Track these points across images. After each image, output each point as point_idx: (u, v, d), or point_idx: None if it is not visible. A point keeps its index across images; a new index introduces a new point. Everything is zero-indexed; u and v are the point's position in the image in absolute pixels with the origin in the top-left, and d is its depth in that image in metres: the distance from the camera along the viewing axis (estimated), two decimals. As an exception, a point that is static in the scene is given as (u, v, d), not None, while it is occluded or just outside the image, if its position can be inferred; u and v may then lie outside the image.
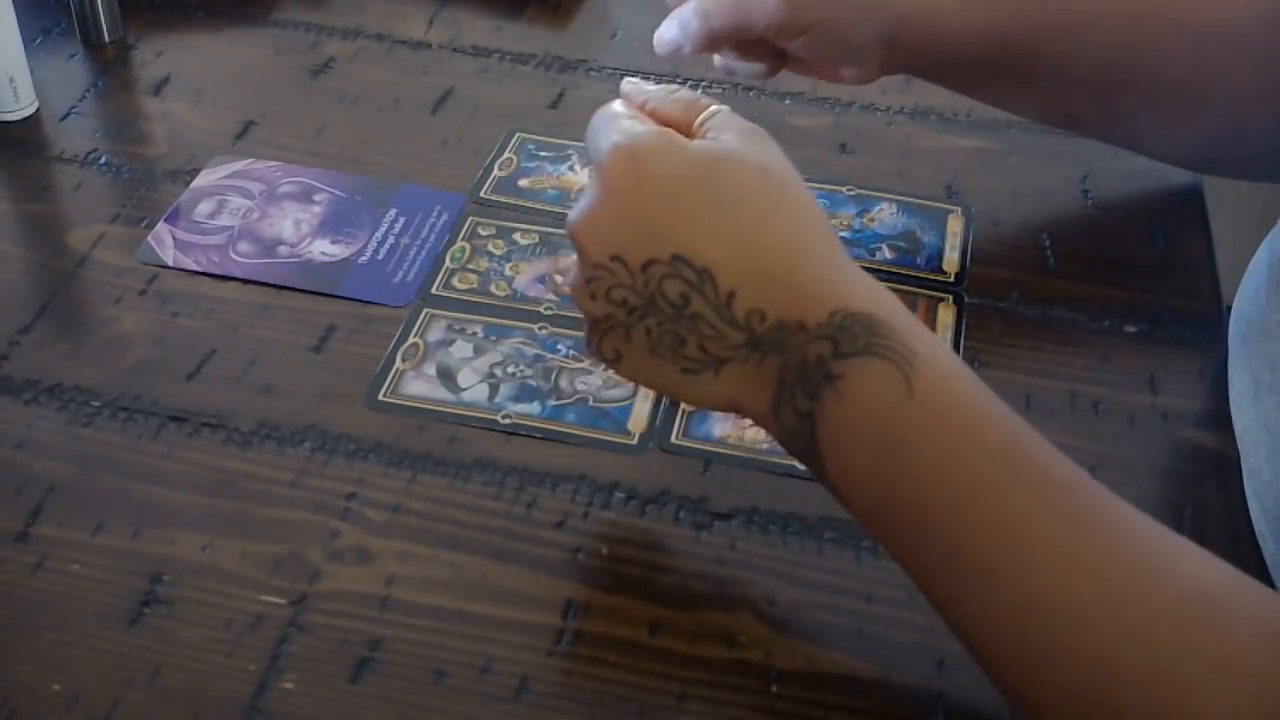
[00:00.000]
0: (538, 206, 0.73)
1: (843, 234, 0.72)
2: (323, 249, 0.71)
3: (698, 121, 0.54)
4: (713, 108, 0.54)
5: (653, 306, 0.50)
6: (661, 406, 0.63)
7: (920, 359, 0.47)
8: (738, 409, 0.52)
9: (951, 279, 0.70)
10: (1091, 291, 0.70)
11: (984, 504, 0.46)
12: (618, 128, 0.52)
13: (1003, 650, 0.46)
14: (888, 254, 0.71)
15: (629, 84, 0.57)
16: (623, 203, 0.50)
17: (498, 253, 0.71)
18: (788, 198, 0.51)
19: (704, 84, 0.82)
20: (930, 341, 0.48)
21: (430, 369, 0.64)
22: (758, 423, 0.51)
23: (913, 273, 0.70)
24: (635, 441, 0.62)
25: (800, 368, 0.48)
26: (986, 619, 0.46)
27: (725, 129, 0.53)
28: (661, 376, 0.52)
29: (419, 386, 0.64)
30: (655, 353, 0.51)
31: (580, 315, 0.53)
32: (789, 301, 0.48)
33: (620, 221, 0.50)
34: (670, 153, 0.51)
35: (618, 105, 0.55)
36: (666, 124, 0.54)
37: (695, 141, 0.52)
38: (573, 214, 0.52)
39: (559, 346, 0.65)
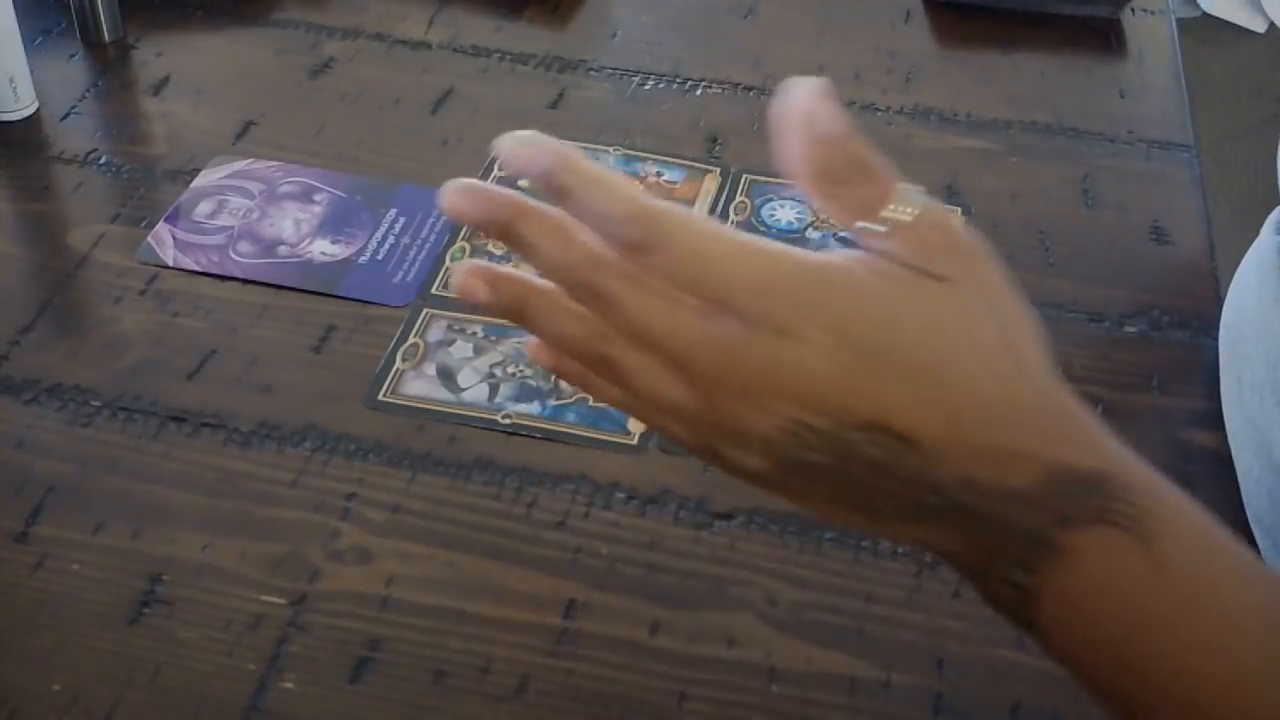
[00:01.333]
0: (538, 206, 0.73)
1: (843, 234, 0.72)
2: (323, 249, 0.71)
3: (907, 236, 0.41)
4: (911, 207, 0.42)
5: (846, 469, 0.41)
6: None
7: (1161, 520, 0.40)
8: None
9: (951, 279, 0.70)
10: (1091, 291, 0.70)
11: (1267, 692, 0.38)
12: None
13: None
14: (888, 254, 0.71)
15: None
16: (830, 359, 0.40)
17: (498, 253, 0.71)
18: (1000, 348, 0.42)
19: (704, 83, 0.82)
20: (1172, 495, 0.41)
21: (430, 369, 0.64)
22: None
23: (913, 273, 0.70)
24: (635, 441, 0.62)
25: (1014, 538, 0.40)
26: None
27: (944, 257, 0.41)
28: (838, 513, 0.43)
29: (419, 386, 0.64)
30: (837, 499, 0.42)
31: None
32: (1001, 466, 0.40)
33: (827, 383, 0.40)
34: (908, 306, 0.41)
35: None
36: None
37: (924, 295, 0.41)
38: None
39: (559, 346, 0.65)
